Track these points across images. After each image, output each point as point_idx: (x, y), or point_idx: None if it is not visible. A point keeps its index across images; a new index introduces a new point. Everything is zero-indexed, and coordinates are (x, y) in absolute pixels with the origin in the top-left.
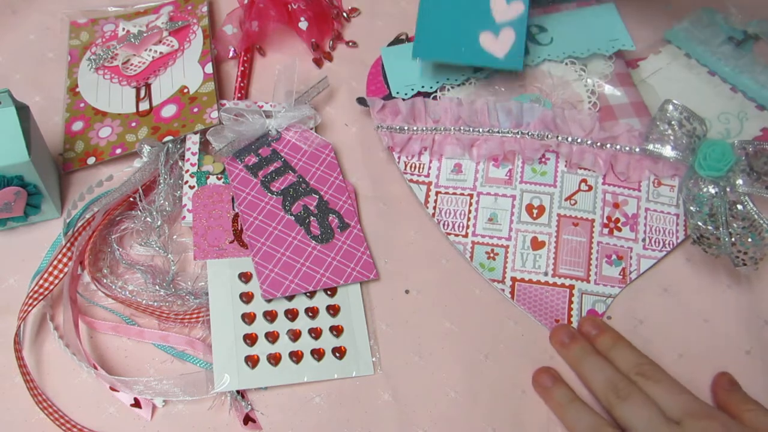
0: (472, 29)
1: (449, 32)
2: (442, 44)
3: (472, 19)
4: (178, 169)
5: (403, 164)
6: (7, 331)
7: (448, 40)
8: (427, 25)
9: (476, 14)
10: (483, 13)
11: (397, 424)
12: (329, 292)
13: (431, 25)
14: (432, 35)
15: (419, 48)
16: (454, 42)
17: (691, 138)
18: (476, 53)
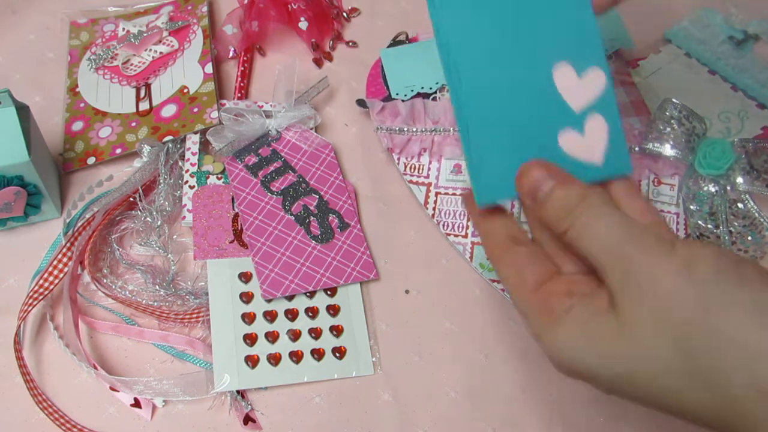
0: (547, 135)
1: (517, 152)
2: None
3: (541, 119)
4: (178, 169)
5: (403, 165)
6: (7, 331)
7: (520, 160)
8: (483, 151)
9: (544, 110)
10: (552, 104)
11: (397, 424)
12: (329, 292)
13: (489, 150)
14: (495, 165)
15: (484, 190)
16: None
17: (690, 137)
18: (563, 166)
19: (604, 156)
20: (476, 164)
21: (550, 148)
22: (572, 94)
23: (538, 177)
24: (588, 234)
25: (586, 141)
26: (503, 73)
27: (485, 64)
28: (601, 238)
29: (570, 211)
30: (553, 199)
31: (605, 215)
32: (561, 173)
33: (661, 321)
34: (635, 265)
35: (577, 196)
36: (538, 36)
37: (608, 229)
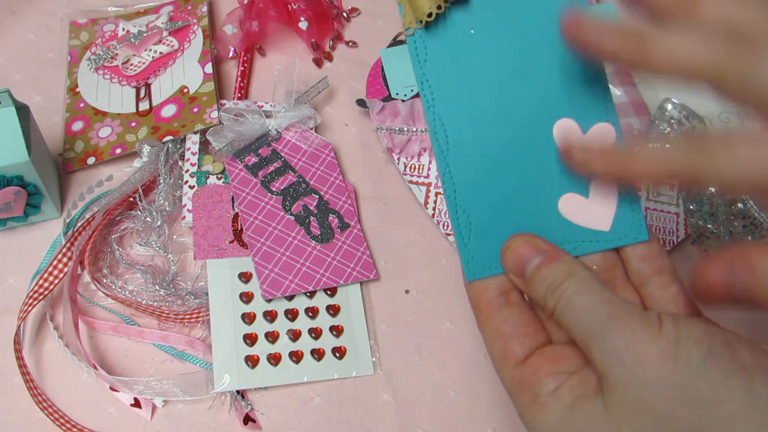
0: (545, 199)
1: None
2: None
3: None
4: (178, 169)
5: (403, 165)
6: (7, 331)
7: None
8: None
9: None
10: (552, 165)
11: (397, 424)
12: (329, 292)
13: (479, 219)
14: (486, 236)
15: (474, 264)
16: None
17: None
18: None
19: (613, 222)
20: (465, 235)
21: (548, 214)
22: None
23: (524, 253)
24: (570, 312)
25: (590, 205)
26: (495, 132)
27: (474, 121)
28: (583, 316)
29: (555, 289)
30: (539, 278)
31: (589, 291)
32: (548, 248)
33: (647, 412)
34: (619, 348)
35: (564, 272)
36: (537, 89)
37: (591, 306)
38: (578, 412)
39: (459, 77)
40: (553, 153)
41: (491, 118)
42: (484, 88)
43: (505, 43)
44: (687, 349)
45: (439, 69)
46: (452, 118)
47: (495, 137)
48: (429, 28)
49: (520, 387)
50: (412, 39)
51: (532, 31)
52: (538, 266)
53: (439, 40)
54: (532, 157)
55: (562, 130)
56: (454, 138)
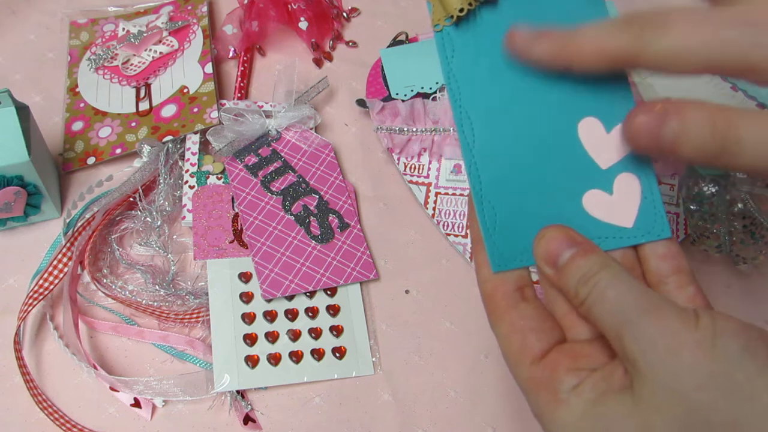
0: (570, 195)
1: (536, 214)
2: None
3: (563, 178)
4: (178, 169)
5: (403, 165)
6: (7, 331)
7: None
8: (498, 214)
9: (567, 168)
10: (577, 161)
11: (397, 424)
12: (329, 292)
13: (505, 212)
14: (511, 229)
15: (499, 256)
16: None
17: None
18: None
19: (636, 218)
20: (490, 228)
21: (572, 210)
22: (600, 150)
23: (558, 244)
24: (603, 303)
25: (614, 202)
26: (522, 128)
27: (501, 117)
28: (617, 307)
29: (589, 279)
30: (572, 269)
31: (623, 283)
32: (582, 240)
33: (681, 402)
34: (654, 337)
35: (598, 264)
36: (561, 87)
37: (625, 297)
38: (603, 407)
39: (486, 74)
40: (579, 150)
41: (518, 114)
42: (510, 85)
43: None
44: (725, 340)
45: (467, 65)
46: (478, 113)
47: (521, 133)
48: (457, 25)
49: (538, 384)
50: (440, 35)
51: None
52: (572, 257)
53: (466, 36)
54: (558, 154)
55: (587, 129)
56: (480, 132)
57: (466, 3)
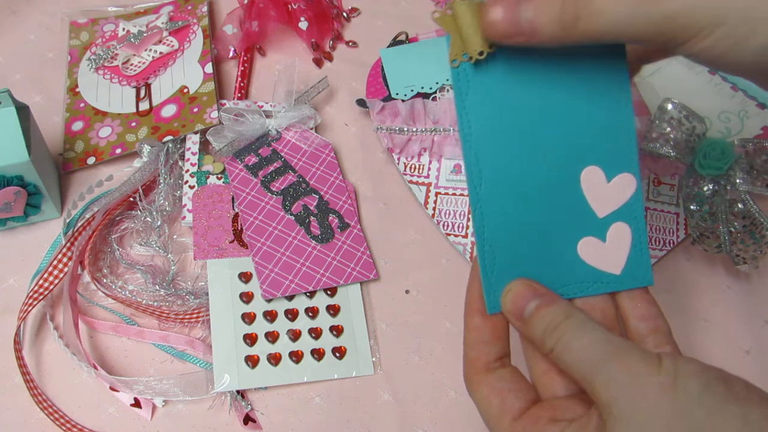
0: (566, 240)
1: (533, 257)
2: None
3: (561, 224)
4: (178, 169)
5: (403, 165)
6: (7, 331)
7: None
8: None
9: (566, 215)
10: (576, 209)
11: (397, 424)
12: (329, 292)
13: (504, 254)
14: (509, 271)
15: (496, 297)
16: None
17: (690, 137)
18: (578, 276)
19: (624, 266)
20: (489, 269)
21: (567, 255)
22: (598, 199)
23: (523, 297)
24: (571, 351)
25: (606, 249)
26: (527, 173)
27: (509, 160)
28: (585, 354)
29: (554, 328)
30: (538, 319)
31: (589, 331)
32: (545, 291)
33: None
34: (621, 381)
35: (562, 313)
36: (569, 135)
37: (592, 344)
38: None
39: (497, 116)
40: (579, 198)
41: (525, 158)
42: (520, 130)
43: (544, 88)
44: (686, 381)
45: (480, 105)
46: (487, 154)
47: (527, 177)
48: (475, 64)
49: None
50: (456, 71)
51: (570, 80)
52: (536, 308)
53: (483, 76)
54: (559, 200)
55: (589, 177)
56: (488, 174)
57: (486, 46)
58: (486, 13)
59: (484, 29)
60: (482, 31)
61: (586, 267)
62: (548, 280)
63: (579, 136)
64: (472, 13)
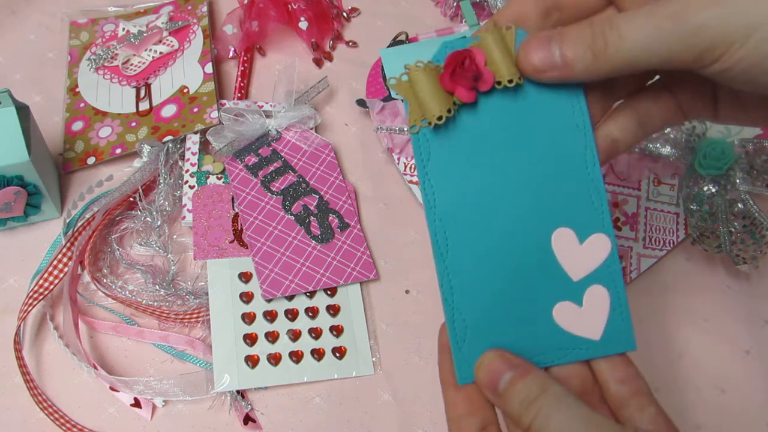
0: (540, 307)
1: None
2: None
3: (534, 290)
4: (178, 169)
5: (403, 165)
6: (7, 331)
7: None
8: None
9: (539, 280)
10: (548, 273)
11: (397, 424)
12: (329, 292)
13: (475, 323)
14: (480, 340)
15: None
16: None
17: (690, 137)
18: (555, 343)
19: (603, 331)
20: (460, 338)
21: (542, 322)
22: (572, 262)
23: (496, 368)
24: (549, 429)
25: (584, 314)
26: (495, 238)
27: (475, 226)
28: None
29: (531, 403)
30: (513, 393)
31: (567, 408)
32: (519, 363)
33: None
34: None
35: (538, 387)
36: (536, 197)
37: (570, 422)
38: None
39: (461, 179)
40: (551, 261)
41: (491, 222)
42: (485, 192)
43: (508, 150)
44: None
45: (442, 169)
46: (452, 220)
47: (494, 242)
48: (435, 128)
49: None
50: (416, 137)
51: (535, 141)
52: (511, 380)
53: (443, 140)
54: (530, 264)
55: (560, 239)
56: (454, 240)
57: (444, 110)
58: (520, 50)
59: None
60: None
61: (563, 333)
62: (523, 348)
63: (547, 197)
64: (428, 78)
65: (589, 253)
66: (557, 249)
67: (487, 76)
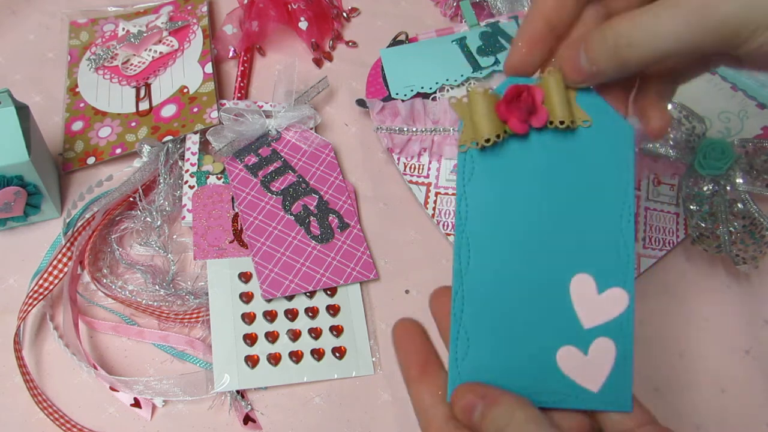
0: (545, 345)
1: (507, 353)
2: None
3: (543, 326)
4: (178, 169)
5: (403, 165)
6: (7, 331)
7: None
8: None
9: (550, 318)
10: (561, 314)
11: (397, 424)
12: (329, 292)
13: (478, 343)
14: (478, 361)
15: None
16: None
17: (690, 137)
18: (552, 385)
19: (602, 385)
20: (460, 355)
21: (544, 361)
22: (586, 309)
23: (468, 400)
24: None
25: (587, 363)
26: (516, 266)
27: (499, 251)
28: None
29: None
30: (486, 424)
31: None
32: (488, 392)
33: None
34: None
35: (505, 415)
36: (566, 236)
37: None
38: None
39: (496, 204)
40: (566, 304)
41: (516, 252)
42: (517, 222)
43: (549, 187)
44: None
45: (480, 190)
46: (479, 241)
47: (515, 272)
48: (482, 151)
49: None
50: (462, 156)
51: (577, 184)
52: (482, 413)
53: (488, 164)
54: (544, 302)
55: (579, 285)
56: (476, 261)
57: (494, 134)
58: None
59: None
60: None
61: (562, 378)
62: (522, 384)
63: (576, 241)
64: (486, 103)
65: (605, 305)
66: (574, 293)
67: (541, 113)
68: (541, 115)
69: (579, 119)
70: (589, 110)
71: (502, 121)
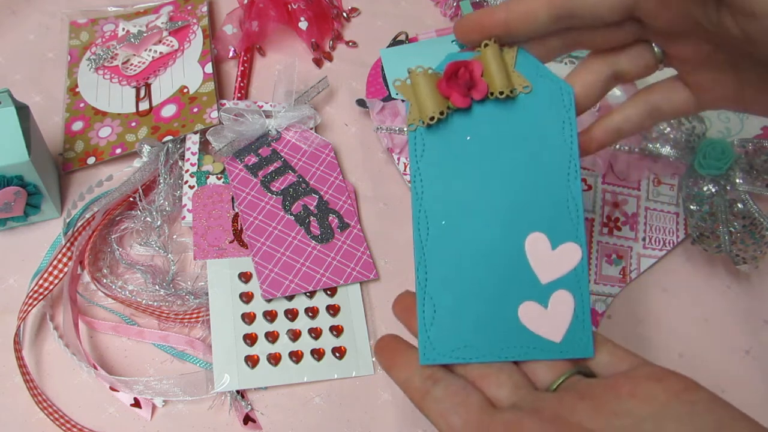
0: (507, 303)
1: (472, 315)
2: (463, 335)
3: (503, 286)
4: (178, 169)
5: (403, 165)
6: (7, 331)
7: (473, 327)
8: (437, 309)
9: (509, 277)
10: (519, 272)
11: (397, 424)
12: (329, 292)
13: (444, 309)
14: (446, 326)
15: (430, 350)
16: (482, 328)
17: (690, 137)
18: (516, 339)
19: (564, 335)
20: (428, 321)
21: (507, 318)
22: (542, 265)
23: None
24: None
25: (548, 315)
26: (473, 233)
27: (456, 219)
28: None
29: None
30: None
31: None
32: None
33: None
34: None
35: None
36: (517, 199)
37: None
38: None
39: (449, 176)
40: (523, 262)
41: (471, 219)
42: (469, 191)
43: (496, 155)
44: None
45: (433, 165)
46: (436, 213)
47: (472, 237)
48: (430, 128)
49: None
50: (412, 135)
51: (522, 149)
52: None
53: (437, 139)
54: (503, 262)
55: (534, 243)
56: (435, 232)
57: (437, 112)
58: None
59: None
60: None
61: (525, 332)
62: (487, 341)
63: (526, 202)
64: (428, 82)
65: (559, 260)
66: (530, 251)
67: (481, 85)
68: (480, 88)
69: (519, 86)
70: (528, 75)
71: (445, 97)
